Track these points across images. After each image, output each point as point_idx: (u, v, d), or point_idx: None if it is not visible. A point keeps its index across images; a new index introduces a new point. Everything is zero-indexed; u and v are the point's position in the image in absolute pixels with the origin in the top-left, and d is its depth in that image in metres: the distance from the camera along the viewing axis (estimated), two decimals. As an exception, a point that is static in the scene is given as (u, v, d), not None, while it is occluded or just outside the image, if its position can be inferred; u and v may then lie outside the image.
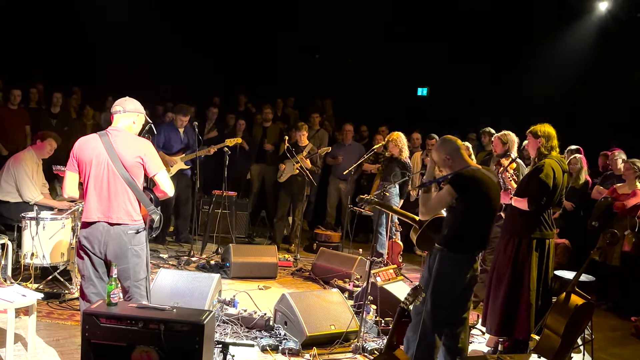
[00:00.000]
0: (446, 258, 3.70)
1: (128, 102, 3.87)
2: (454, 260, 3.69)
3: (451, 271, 3.68)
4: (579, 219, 7.03)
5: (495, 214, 3.84)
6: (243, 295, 5.52)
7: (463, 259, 3.69)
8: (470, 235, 3.69)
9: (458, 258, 3.69)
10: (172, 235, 8.18)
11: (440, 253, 3.73)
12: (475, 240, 3.73)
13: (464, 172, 3.71)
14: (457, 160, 3.80)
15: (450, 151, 3.82)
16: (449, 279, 3.67)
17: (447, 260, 3.69)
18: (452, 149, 3.82)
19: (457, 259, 3.69)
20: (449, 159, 3.81)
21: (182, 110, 7.67)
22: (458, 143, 3.85)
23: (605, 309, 6.47)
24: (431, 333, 3.72)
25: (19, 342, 4.27)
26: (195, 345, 3.25)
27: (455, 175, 3.71)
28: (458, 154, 3.81)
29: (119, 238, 3.71)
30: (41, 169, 6.25)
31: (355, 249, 7.80)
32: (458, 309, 3.76)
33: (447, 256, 3.70)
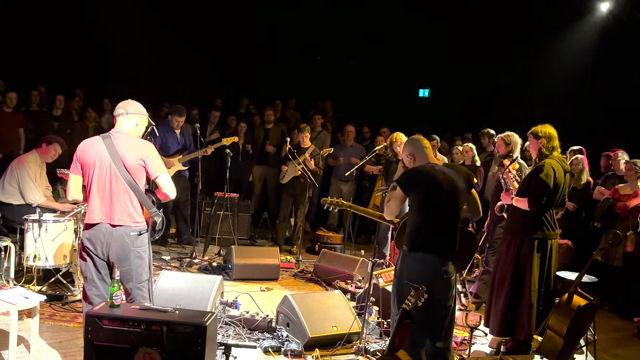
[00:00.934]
0: (406, 257, 3.61)
1: (131, 105, 3.88)
2: (413, 259, 3.57)
3: (410, 270, 3.55)
4: (581, 219, 7.03)
5: (454, 211, 3.67)
6: (245, 297, 5.52)
7: (423, 257, 3.54)
8: (427, 234, 3.57)
9: (417, 257, 3.57)
10: (174, 237, 8.19)
11: (402, 253, 3.67)
12: (435, 238, 3.57)
13: (412, 170, 3.71)
14: (419, 159, 3.77)
15: (412, 150, 3.80)
16: (408, 277, 3.51)
17: (407, 259, 3.61)
18: (414, 148, 3.80)
19: (417, 257, 3.57)
20: (411, 158, 3.80)
21: (178, 111, 7.66)
22: (423, 142, 3.82)
23: (608, 310, 6.46)
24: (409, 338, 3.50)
25: (22, 344, 4.28)
26: (198, 347, 3.25)
27: (403, 173, 3.71)
28: (421, 153, 3.77)
29: (122, 240, 3.71)
30: (45, 172, 6.26)
31: (357, 250, 7.81)
32: (430, 313, 3.50)
33: (408, 255, 3.61)
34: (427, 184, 3.62)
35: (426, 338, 3.61)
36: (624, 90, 9.32)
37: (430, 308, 3.47)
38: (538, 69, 10.07)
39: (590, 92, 9.72)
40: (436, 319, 3.60)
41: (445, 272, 3.57)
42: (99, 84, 10.26)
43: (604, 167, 7.67)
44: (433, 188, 3.61)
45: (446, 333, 3.69)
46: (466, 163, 7.73)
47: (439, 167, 3.72)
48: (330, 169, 9.13)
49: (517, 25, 9.94)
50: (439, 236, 3.62)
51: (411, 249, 3.61)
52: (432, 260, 3.56)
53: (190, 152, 7.59)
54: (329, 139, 9.37)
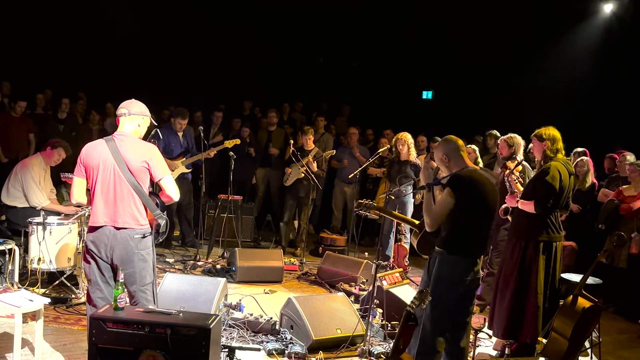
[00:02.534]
0: (445, 260, 3.64)
1: (133, 105, 3.87)
2: (453, 263, 3.62)
3: (451, 274, 3.62)
4: (586, 221, 7.00)
5: (493, 216, 3.77)
6: (249, 299, 5.52)
7: (463, 261, 3.62)
8: (468, 237, 3.63)
9: (457, 260, 3.62)
10: (178, 239, 8.20)
11: (439, 256, 3.68)
12: (474, 241, 3.66)
13: (461, 173, 3.67)
14: (455, 160, 3.74)
15: (448, 151, 3.77)
16: (448, 281, 3.60)
17: (446, 262, 3.64)
18: (450, 149, 3.77)
19: (457, 261, 3.62)
20: (446, 158, 3.76)
21: (181, 114, 7.68)
22: (458, 143, 3.79)
23: (613, 312, 6.43)
24: (431, 337, 3.65)
25: (26, 347, 4.29)
26: (202, 349, 3.25)
27: (452, 176, 3.67)
28: (456, 154, 3.75)
29: (126, 242, 3.72)
30: (49, 175, 6.28)
31: (361, 252, 7.79)
32: (459, 313, 3.69)
33: (447, 258, 3.64)
34: (477, 190, 3.63)
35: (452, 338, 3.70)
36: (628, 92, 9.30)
37: (461, 309, 3.65)
38: (541, 71, 10.05)
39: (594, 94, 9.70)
40: (465, 319, 3.73)
41: (477, 272, 3.68)
42: (102, 87, 10.28)
43: (607, 168, 7.65)
44: (482, 195, 3.64)
45: (468, 333, 3.80)
46: (469, 165, 7.72)
47: (483, 173, 3.78)
48: (334, 172, 9.13)
49: (521, 26, 9.93)
50: (479, 241, 3.71)
51: (452, 251, 3.64)
52: (470, 263, 3.65)
53: (193, 155, 7.60)
54: (332, 141, 9.37)
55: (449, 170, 3.77)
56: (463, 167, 3.72)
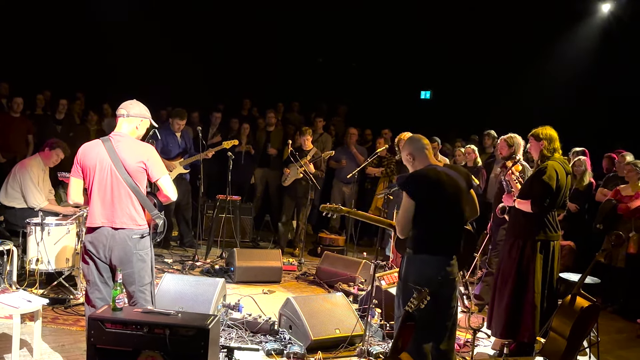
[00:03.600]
0: (412, 260, 3.59)
1: (133, 106, 3.86)
2: (420, 262, 3.56)
3: (418, 273, 3.54)
4: (584, 221, 7.01)
5: (458, 212, 3.67)
6: (248, 300, 5.52)
7: (430, 260, 3.55)
8: (433, 236, 3.55)
9: (424, 259, 3.55)
10: (177, 240, 8.19)
11: (407, 255, 3.64)
12: (439, 239, 3.57)
13: (414, 173, 3.65)
14: (419, 159, 3.70)
15: (412, 150, 3.73)
16: (415, 281, 3.49)
17: (412, 262, 3.59)
18: (414, 148, 3.73)
19: (423, 260, 3.55)
20: (411, 157, 3.73)
21: (179, 114, 7.67)
22: (423, 142, 3.74)
23: (611, 311, 6.44)
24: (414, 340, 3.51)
25: (25, 348, 4.29)
26: (201, 349, 3.25)
27: (406, 178, 3.63)
28: (421, 153, 3.70)
29: (124, 243, 3.71)
30: (48, 175, 6.27)
31: (360, 252, 7.80)
32: (434, 314, 3.53)
33: (413, 258, 3.59)
34: (432, 187, 3.57)
35: (431, 340, 3.60)
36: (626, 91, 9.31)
37: (436, 310, 3.50)
38: (540, 70, 10.07)
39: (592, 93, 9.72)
40: (441, 321, 3.61)
41: (450, 273, 3.58)
42: (100, 87, 10.28)
43: (606, 168, 7.66)
44: (438, 191, 3.58)
45: (450, 334, 3.68)
46: (468, 164, 7.74)
47: (441, 169, 3.69)
48: (332, 172, 9.13)
49: (519, 26, 9.95)
50: (445, 238, 3.61)
51: (417, 251, 3.59)
52: (438, 262, 3.56)
53: (191, 155, 7.60)
54: (331, 142, 9.37)
55: (414, 169, 3.73)
56: (426, 165, 3.67)
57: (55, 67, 10.27)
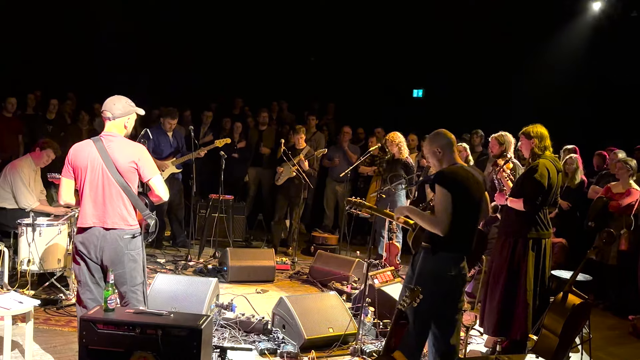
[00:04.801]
0: (430, 256, 3.64)
1: (116, 107, 3.79)
2: (438, 258, 3.61)
3: (435, 269, 3.60)
4: (576, 218, 7.04)
5: (478, 212, 3.75)
6: (241, 299, 5.51)
7: (448, 257, 3.61)
8: (454, 233, 3.59)
9: (443, 256, 3.61)
10: (169, 239, 8.17)
11: (424, 251, 3.68)
12: (459, 237, 3.63)
13: (445, 170, 3.69)
14: (447, 155, 3.75)
15: (442, 144, 3.77)
16: (433, 276, 3.58)
17: (431, 257, 3.63)
18: (445, 143, 3.77)
19: (442, 256, 3.61)
20: (439, 152, 3.76)
21: (170, 114, 7.65)
22: (452, 138, 3.80)
23: (603, 308, 6.48)
24: (412, 333, 3.62)
25: (16, 349, 4.26)
26: (193, 350, 3.24)
27: (438, 174, 3.67)
28: (450, 149, 3.75)
29: (115, 243, 3.70)
30: (39, 176, 6.23)
31: (353, 251, 7.80)
32: (445, 309, 3.65)
33: (431, 253, 3.64)
34: (464, 186, 3.63)
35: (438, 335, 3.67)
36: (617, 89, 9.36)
37: (447, 305, 3.61)
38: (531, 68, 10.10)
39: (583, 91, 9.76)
40: (452, 315, 3.68)
41: (463, 269, 3.66)
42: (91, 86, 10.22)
43: (597, 165, 7.70)
44: (467, 190, 3.64)
45: (458, 329, 3.77)
46: (460, 163, 7.75)
47: (467, 168, 3.77)
48: (325, 170, 9.13)
49: (510, 25, 9.97)
50: (464, 236, 3.68)
51: (436, 247, 3.62)
52: (457, 259, 3.63)
53: (184, 155, 7.58)
54: (324, 140, 9.37)
55: (440, 164, 3.76)
56: (452, 163, 3.72)
57: (46, 66, 10.21)
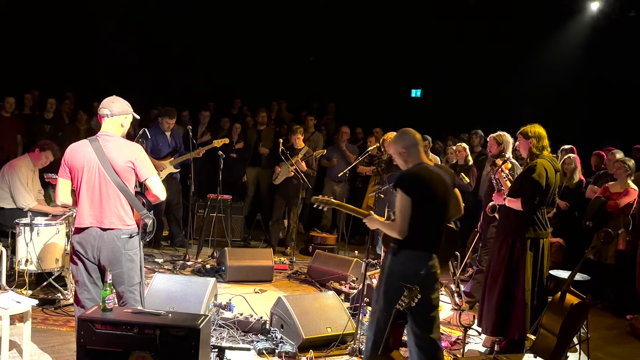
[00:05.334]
0: (397, 255, 3.64)
1: (115, 105, 3.80)
2: (405, 257, 3.61)
3: (403, 268, 3.60)
4: (574, 218, 7.05)
5: (445, 211, 3.72)
6: (239, 299, 5.51)
7: (415, 255, 3.61)
8: (420, 232, 3.60)
9: (409, 255, 3.61)
10: (167, 239, 8.16)
11: (392, 251, 3.69)
12: (425, 236, 3.64)
13: (407, 172, 3.70)
14: (412, 155, 3.73)
15: (407, 145, 3.74)
16: (400, 275, 3.56)
17: (398, 257, 3.64)
18: (409, 143, 3.74)
19: (409, 255, 3.61)
20: (404, 152, 3.75)
21: (168, 113, 7.64)
22: (417, 137, 3.77)
23: (601, 308, 6.48)
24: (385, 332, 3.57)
25: (14, 349, 4.26)
26: (191, 350, 3.24)
27: (400, 177, 3.68)
28: (415, 150, 3.73)
29: (112, 243, 3.69)
30: (37, 176, 6.23)
31: (351, 251, 7.80)
32: (424, 309, 3.59)
33: (399, 253, 3.64)
34: (425, 186, 3.62)
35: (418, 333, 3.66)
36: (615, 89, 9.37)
37: (425, 302, 3.56)
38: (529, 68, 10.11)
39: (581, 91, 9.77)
40: (429, 312, 3.66)
41: (433, 266, 3.64)
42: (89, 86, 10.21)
43: (594, 165, 7.70)
44: (430, 190, 3.63)
45: (437, 324, 3.75)
46: (459, 162, 7.76)
47: (432, 168, 3.74)
48: (323, 170, 9.13)
49: (509, 25, 9.98)
50: (430, 234, 3.67)
51: (402, 246, 3.63)
52: (423, 257, 3.62)
53: (182, 155, 7.58)
54: (322, 140, 9.36)
55: (405, 165, 3.76)
56: (417, 164, 3.71)
57: (44, 66, 10.19)
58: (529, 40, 10.04)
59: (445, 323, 5.57)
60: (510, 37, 10.00)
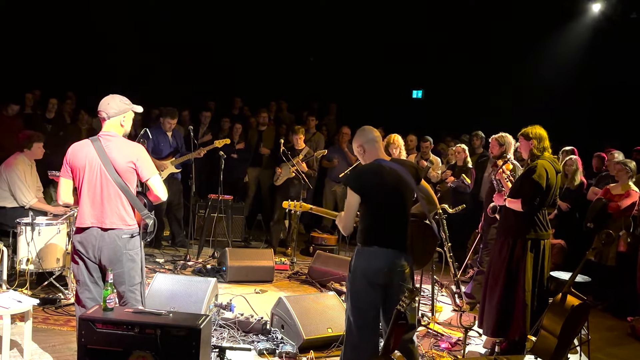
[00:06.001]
0: (360, 252, 3.64)
1: (110, 107, 3.80)
2: (367, 254, 3.60)
3: (365, 265, 3.58)
4: (575, 219, 7.05)
5: (401, 205, 3.68)
6: (240, 299, 5.51)
7: (376, 252, 3.58)
8: (376, 228, 3.61)
9: (370, 251, 3.60)
10: (168, 239, 8.16)
11: (356, 248, 3.69)
12: (384, 233, 3.61)
13: (354, 169, 3.73)
14: (370, 152, 3.72)
15: (363, 142, 3.74)
16: (363, 273, 3.57)
17: (360, 254, 3.63)
18: (366, 140, 3.74)
19: (370, 252, 3.60)
20: (361, 149, 3.75)
21: (170, 113, 7.65)
22: (375, 134, 3.76)
23: (602, 309, 6.48)
24: (355, 330, 3.62)
25: (15, 349, 4.26)
26: (192, 350, 3.24)
27: (347, 174, 3.71)
28: (372, 147, 3.72)
29: (114, 243, 3.70)
30: (35, 169, 6.20)
31: (352, 251, 7.77)
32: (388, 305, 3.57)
33: (361, 250, 3.64)
34: (372, 180, 3.61)
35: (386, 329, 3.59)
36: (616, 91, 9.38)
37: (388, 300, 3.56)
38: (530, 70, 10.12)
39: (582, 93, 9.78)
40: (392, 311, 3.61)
41: (399, 264, 3.60)
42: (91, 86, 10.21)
43: (596, 167, 7.71)
44: (378, 184, 3.60)
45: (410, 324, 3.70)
46: (458, 164, 7.76)
47: (385, 163, 3.69)
48: (324, 171, 9.13)
49: (510, 26, 9.99)
50: (389, 230, 3.63)
51: (364, 243, 3.63)
52: (386, 254, 3.59)
53: (183, 155, 7.58)
54: (323, 141, 9.36)
55: (363, 161, 3.76)
56: (375, 160, 3.69)
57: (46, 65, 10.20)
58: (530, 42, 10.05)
59: (446, 324, 5.58)
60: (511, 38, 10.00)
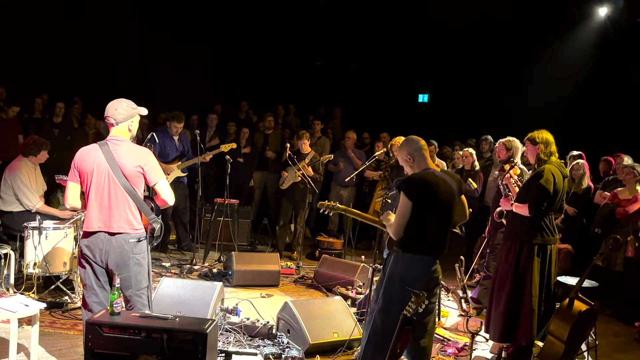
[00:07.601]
0: (400, 258, 3.67)
1: (118, 112, 3.81)
2: (408, 260, 3.64)
3: (404, 271, 3.62)
4: (582, 224, 7.01)
5: (449, 216, 3.76)
6: (246, 304, 5.51)
7: (417, 259, 3.63)
8: (423, 236, 3.64)
9: (412, 258, 3.64)
10: (174, 243, 8.18)
11: (395, 253, 3.71)
12: (428, 240, 3.67)
13: (413, 176, 3.74)
14: (418, 160, 3.79)
15: (411, 150, 3.81)
16: (401, 278, 3.61)
17: (401, 260, 3.66)
18: (414, 149, 3.81)
19: (411, 259, 3.64)
20: (410, 158, 3.81)
21: (176, 117, 7.66)
22: (421, 143, 3.84)
23: (609, 315, 6.44)
24: (380, 333, 3.64)
25: (22, 352, 4.27)
26: (198, 354, 3.25)
27: (405, 180, 3.72)
28: (419, 154, 3.79)
29: (121, 247, 3.71)
30: (39, 172, 6.22)
31: (358, 255, 7.79)
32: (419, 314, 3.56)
33: (401, 256, 3.66)
34: (429, 191, 3.66)
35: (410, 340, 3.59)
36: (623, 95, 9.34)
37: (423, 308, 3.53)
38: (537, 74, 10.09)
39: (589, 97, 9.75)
40: (423, 319, 3.66)
41: (435, 271, 3.67)
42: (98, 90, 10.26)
43: (603, 171, 7.67)
44: (435, 195, 3.66)
45: (430, 332, 3.77)
46: (466, 168, 7.75)
47: (439, 174, 3.78)
48: (330, 175, 9.13)
49: (516, 30, 9.98)
50: (434, 240, 3.70)
51: (405, 250, 3.66)
52: (426, 261, 3.65)
53: (189, 159, 7.60)
54: (329, 145, 9.36)
55: (412, 170, 3.82)
56: (424, 169, 3.76)
57: (53, 70, 10.26)
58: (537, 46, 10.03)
59: (452, 329, 5.56)
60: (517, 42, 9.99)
